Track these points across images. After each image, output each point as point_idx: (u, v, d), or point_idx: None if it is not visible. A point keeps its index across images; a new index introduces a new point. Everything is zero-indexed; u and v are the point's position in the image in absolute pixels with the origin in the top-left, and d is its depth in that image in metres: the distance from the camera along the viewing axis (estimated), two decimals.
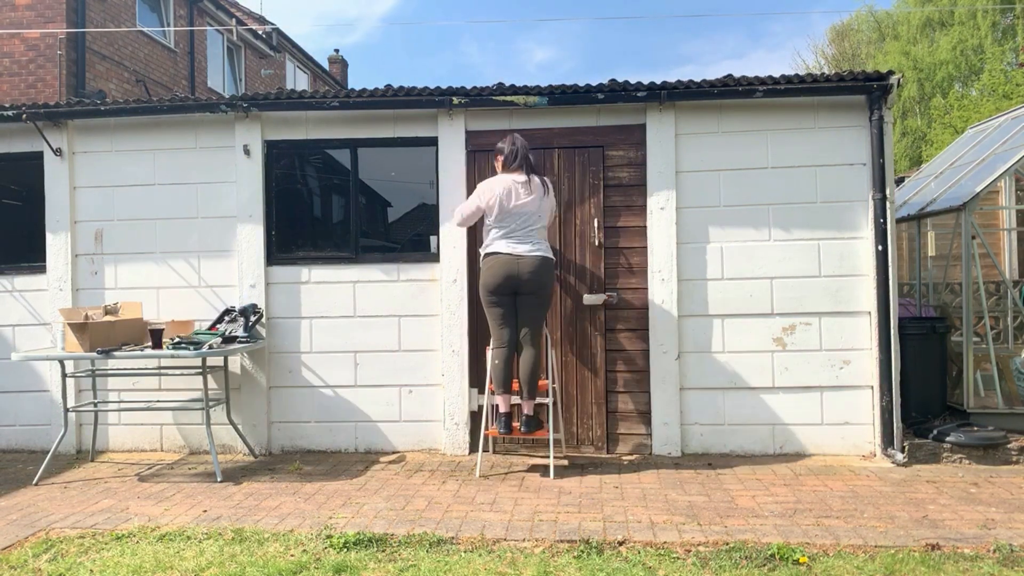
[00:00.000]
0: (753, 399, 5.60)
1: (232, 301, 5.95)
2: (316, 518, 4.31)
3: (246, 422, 5.89)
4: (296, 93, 5.87)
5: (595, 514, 4.28)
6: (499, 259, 5.04)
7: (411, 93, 5.70)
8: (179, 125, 6.06)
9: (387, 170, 6.11)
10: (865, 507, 4.35)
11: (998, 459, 5.23)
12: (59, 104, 6.03)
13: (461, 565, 3.59)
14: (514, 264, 5.01)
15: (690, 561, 3.61)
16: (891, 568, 3.48)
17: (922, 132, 21.99)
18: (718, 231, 5.64)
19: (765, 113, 5.63)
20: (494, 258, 5.07)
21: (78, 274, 6.10)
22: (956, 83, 22.12)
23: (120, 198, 6.08)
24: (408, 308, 5.87)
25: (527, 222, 5.05)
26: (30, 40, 12.36)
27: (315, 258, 5.99)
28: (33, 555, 3.83)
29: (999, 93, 18.08)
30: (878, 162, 5.43)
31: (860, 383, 5.54)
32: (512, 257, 5.02)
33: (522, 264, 5.00)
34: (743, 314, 5.61)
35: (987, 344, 5.87)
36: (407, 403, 5.86)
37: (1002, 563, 3.53)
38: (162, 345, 5.23)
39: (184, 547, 3.88)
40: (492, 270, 5.06)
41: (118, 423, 6.07)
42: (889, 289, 5.40)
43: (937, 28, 22.51)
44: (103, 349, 5.10)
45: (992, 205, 7.52)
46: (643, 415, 5.65)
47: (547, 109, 5.68)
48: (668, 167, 5.63)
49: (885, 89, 5.36)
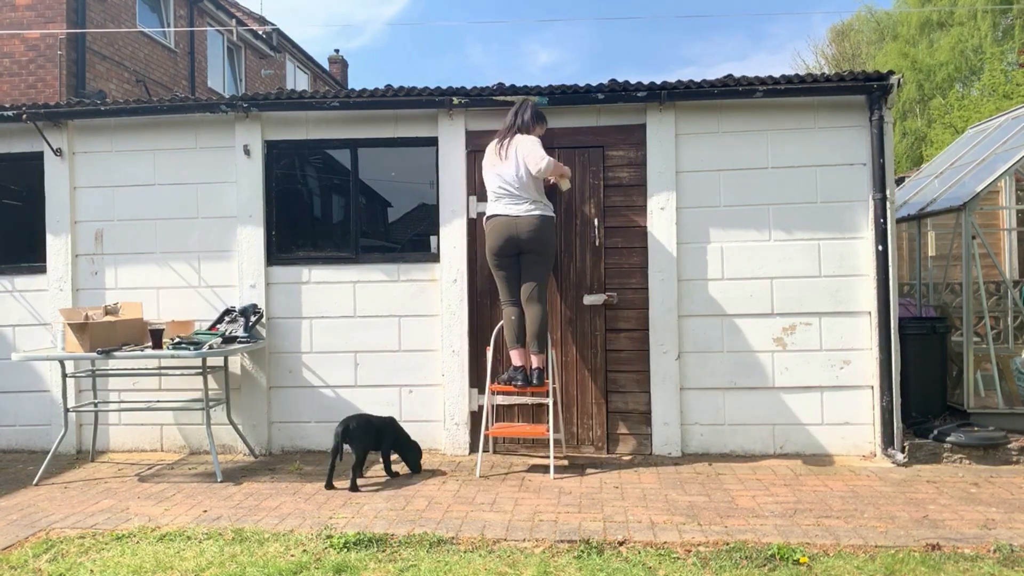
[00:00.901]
0: (753, 399, 5.60)
1: (232, 301, 5.95)
2: (316, 518, 4.31)
3: (246, 422, 5.89)
4: (296, 93, 5.87)
5: (595, 514, 4.28)
6: (497, 221, 5.18)
7: (411, 93, 5.70)
8: (179, 125, 6.06)
9: (387, 170, 6.11)
10: (865, 507, 4.35)
11: (998, 459, 5.23)
12: (59, 104, 6.03)
13: (461, 565, 3.59)
14: (512, 225, 5.12)
15: (690, 561, 3.61)
16: (891, 568, 3.48)
17: (922, 132, 21.98)
18: (718, 231, 5.64)
19: (765, 113, 5.63)
20: (493, 220, 5.21)
21: (78, 274, 6.10)
22: (956, 83, 22.11)
23: (120, 198, 6.08)
24: (408, 308, 5.87)
25: (514, 182, 5.12)
26: (30, 40, 12.36)
27: (315, 258, 5.99)
28: (33, 555, 3.83)
29: (999, 93, 18.07)
30: (878, 162, 5.42)
31: (860, 383, 5.54)
32: (509, 218, 5.13)
33: (520, 224, 5.10)
34: (743, 314, 5.61)
35: (987, 344, 5.87)
36: (407, 403, 5.86)
37: (1002, 563, 3.53)
38: (162, 345, 5.23)
39: (184, 547, 3.88)
40: (492, 233, 5.21)
41: (118, 423, 6.07)
42: (889, 289, 5.40)
43: (936, 29, 22.50)
44: (103, 349, 5.10)
45: (992, 205, 7.52)
46: (643, 415, 5.64)
47: (547, 109, 5.67)
48: (668, 167, 5.63)
49: (885, 89, 5.35)
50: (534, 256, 5.17)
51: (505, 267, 5.25)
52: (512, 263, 5.23)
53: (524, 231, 5.10)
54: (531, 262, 5.19)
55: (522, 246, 5.14)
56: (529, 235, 5.09)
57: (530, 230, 5.09)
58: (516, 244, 5.14)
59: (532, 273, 5.21)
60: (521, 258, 5.21)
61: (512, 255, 5.20)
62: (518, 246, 5.15)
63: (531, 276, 5.21)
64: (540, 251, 5.16)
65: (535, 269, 5.21)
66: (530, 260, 5.19)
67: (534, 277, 5.21)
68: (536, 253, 5.16)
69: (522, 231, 5.10)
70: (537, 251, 5.16)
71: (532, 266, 5.20)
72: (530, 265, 5.20)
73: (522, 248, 5.15)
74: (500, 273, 5.29)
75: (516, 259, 5.22)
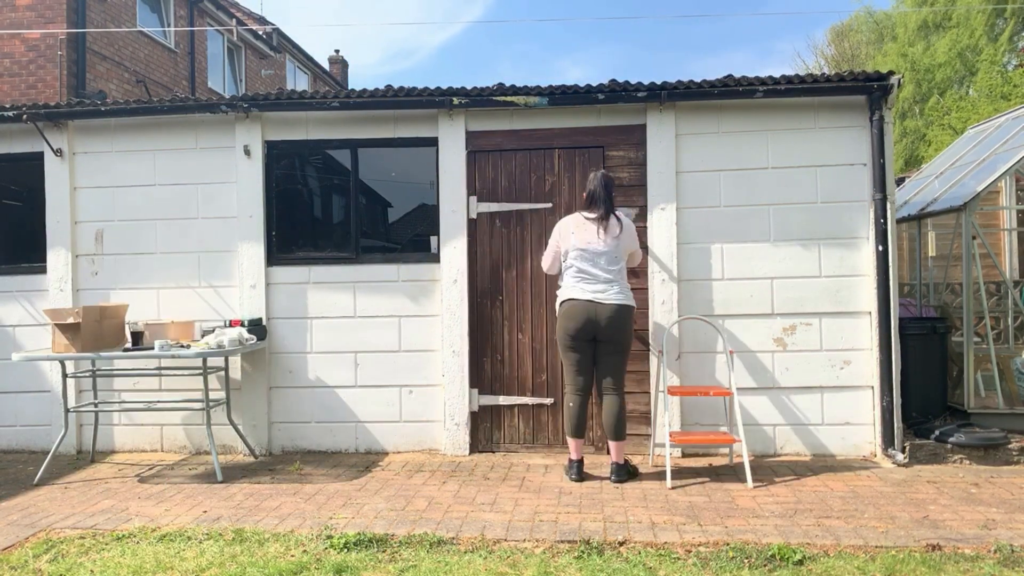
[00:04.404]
0: (754, 399, 5.60)
1: (233, 301, 5.95)
2: (317, 518, 4.31)
3: (246, 422, 5.88)
4: (296, 93, 5.87)
5: (595, 514, 4.28)
6: (575, 305, 4.87)
7: (411, 93, 5.70)
8: (179, 125, 6.06)
9: (387, 170, 6.11)
10: (866, 507, 4.35)
11: (999, 459, 5.23)
12: (59, 104, 6.03)
13: (461, 565, 3.59)
14: (592, 310, 4.83)
15: (691, 562, 3.61)
16: (892, 568, 3.48)
17: (921, 133, 21.98)
18: (718, 231, 5.64)
19: (765, 113, 5.63)
20: (569, 304, 4.90)
21: (79, 274, 6.10)
22: (954, 84, 22.12)
23: (120, 198, 6.08)
24: (408, 308, 5.87)
25: (602, 263, 4.88)
26: (30, 40, 12.36)
27: (316, 258, 5.98)
28: (34, 555, 3.83)
29: (997, 94, 18.08)
30: (878, 162, 5.42)
31: (861, 383, 5.54)
32: (589, 304, 4.84)
33: (600, 311, 4.82)
34: (743, 314, 5.61)
35: (988, 344, 5.87)
36: (407, 403, 5.86)
37: (1003, 563, 3.53)
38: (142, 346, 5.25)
39: (184, 547, 3.88)
40: (568, 316, 4.89)
41: (119, 423, 6.07)
42: (889, 289, 5.40)
43: (933, 30, 22.51)
44: (88, 351, 5.09)
45: (992, 205, 7.52)
46: (643, 415, 5.64)
47: (547, 109, 5.68)
48: (668, 167, 5.63)
49: (885, 89, 5.36)
50: (611, 345, 4.89)
51: (579, 351, 4.93)
52: (586, 347, 4.92)
53: (603, 317, 4.81)
54: (608, 351, 4.91)
55: (600, 333, 4.85)
56: (608, 322, 4.81)
57: (609, 317, 4.81)
58: (594, 330, 4.85)
59: (610, 363, 4.92)
60: (597, 345, 4.92)
61: (588, 340, 4.89)
62: (596, 332, 4.86)
63: (610, 367, 4.92)
64: (617, 340, 4.88)
65: (614, 359, 4.92)
66: (607, 349, 4.90)
67: (614, 368, 4.93)
68: (613, 342, 4.88)
69: (601, 317, 4.81)
70: (614, 340, 4.87)
71: (609, 355, 4.91)
72: (607, 354, 4.92)
73: (599, 335, 4.86)
74: (572, 356, 4.96)
75: (591, 344, 4.92)
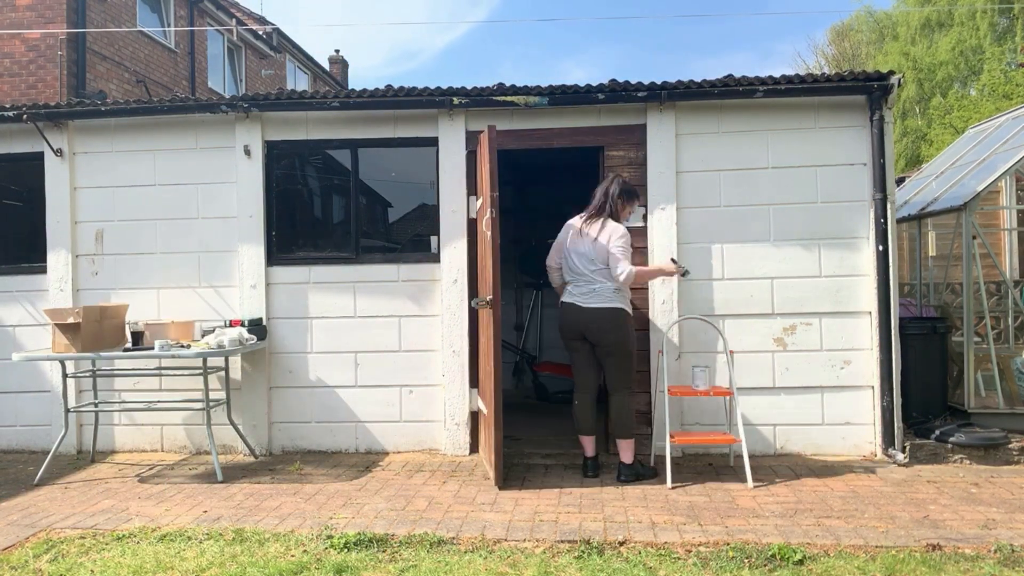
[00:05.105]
0: (754, 399, 5.60)
1: (233, 301, 5.95)
2: (317, 518, 4.31)
3: (247, 422, 5.88)
4: (297, 93, 5.87)
5: (596, 514, 4.28)
6: (563, 307, 5.00)
7: (411, 93, 5.70)
8: (179, 125, 6.05)
9: (387, 170, 6.11)
10: (866, 507, 4.35)
11: (999, 459, 5.23)
12: (60, 104, 6.03)
13: (461, 565, 3.59)
14: (575, 313, 4.89)
15: (691, 561, 3.61)
16: (892, 568, 3.47)
17: (922, 132, 21.99)
18: (718, 231, 5.63)
19: (765, 113, 5.63)
20: (561, 306, 5.05)
21: (79, 274, 6.10)
22: (956, 83, 22.13)
23: (121, 198, 6.08)
24: (409, 308, 5.86)
25: (584, 265, 4.87)
26: (30, 40, 12.35)
27: (316, 258, 5.98)
28: (34, 555, 3.83)
29: (999, 93, 18.08)
30: (879, 162, 5.42)
31: (861, 383, 5.54)
32: (572, 307, 4.91)
33: (582, 315, 4.85)
34: (744, 314, 5.61)
35: (988, 344, 5.86)
36: (408, 403, 5.86)
37: (1003, 563, 3.53)
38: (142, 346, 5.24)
39: (185, 547, 3.88)
40: (560, 318, 5.04)
41: (119, 423, 6.07)
42: (890, 289, 5.39)
43: (936, 29, 22.51)
44: (92, 350, 5.10)
45: (993, 205, 7.51)
46: (643, 415, 5.64)
47: (548, 109, 5.67)
48: (668, 167, 5.63)
49: (886, 89, 5.35)
50: (602, 349, 4.86)
51: (577, 350, 4.97)
52: (583, 347, 4.93)
53: (586, 322, 4.81)
54: (603, 354, 4.88)
55: (589, 336, 4.85)
56: (591, 327, 4.80)
57: (591, 321, 4.79)
58: (582, 332, 4.86)
59: (610, 365, 4.88)
60: (595, 348, 4.90)
61: (580, 340, 4.91)
62: (585, 335, 4.87)
63: (610, 368, 4.88)
64: (603, 343, 4.83)
65: (611, 361, 4.87)
66: (601, 352, 4.88)
67: (614, 369, 4.88)
68: (601, 346, 4.84)
69: (584, 321, 4.82)
70: (601, 343, 4.83)
71: (606, 358, 4.88)
72: (604, 358, 4.89)
73: (588, 338, 4.86)
74: (571, 355, 5.05)
75: (587, 345, 4.91)
